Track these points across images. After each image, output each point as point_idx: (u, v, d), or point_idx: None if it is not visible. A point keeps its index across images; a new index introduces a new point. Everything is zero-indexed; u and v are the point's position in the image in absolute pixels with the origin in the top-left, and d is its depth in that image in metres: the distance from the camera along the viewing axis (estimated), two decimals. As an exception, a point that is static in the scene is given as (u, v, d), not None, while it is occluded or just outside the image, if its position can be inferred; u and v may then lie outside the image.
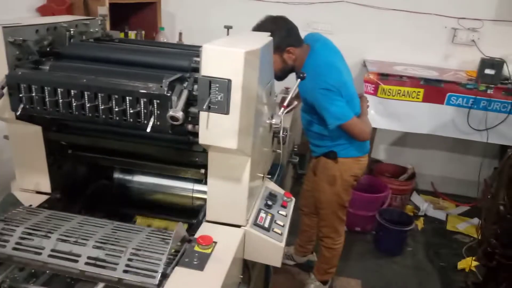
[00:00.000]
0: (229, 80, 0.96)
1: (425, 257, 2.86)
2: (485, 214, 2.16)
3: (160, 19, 3.17)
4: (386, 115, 2.95)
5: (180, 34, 3.13)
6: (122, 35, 2.88)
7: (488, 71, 2.83)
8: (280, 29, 1.80)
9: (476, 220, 3.16)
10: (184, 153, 1.25)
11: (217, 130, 1.02)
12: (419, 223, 3.19)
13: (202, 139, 1.05)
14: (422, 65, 3.19)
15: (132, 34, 2.89)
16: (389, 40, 3.28)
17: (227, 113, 0.99)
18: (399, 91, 2.88)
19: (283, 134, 1.51)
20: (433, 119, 2.89)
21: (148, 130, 0.99)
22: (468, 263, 2.65)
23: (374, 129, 3.22)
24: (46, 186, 1.31)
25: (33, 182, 1.31)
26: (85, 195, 1.43)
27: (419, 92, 2.85)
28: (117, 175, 1.53)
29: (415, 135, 3.11)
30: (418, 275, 2.68)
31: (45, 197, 1.31)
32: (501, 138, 2.82)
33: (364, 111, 2.02)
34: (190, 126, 1.10)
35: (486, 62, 2.85)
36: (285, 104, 1.53)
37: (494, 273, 2.02)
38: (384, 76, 2.91)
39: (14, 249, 1.00)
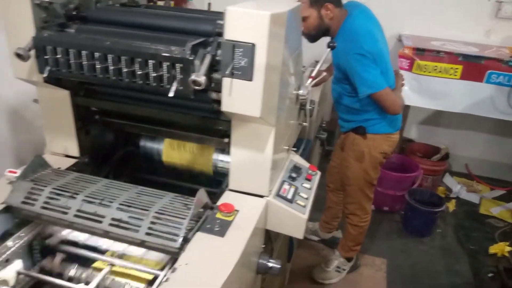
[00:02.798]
0: (253, 45, 0.93)
1: (455, 239, 2.78)
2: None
3: (189, -12, 3.14)
4: (420, 92, 2.83)
5: (209, 4, 3.08)
6: (150, 3, 2.87)
7: (534, 48, 2.65)
8: None
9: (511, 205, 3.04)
10: (208, 121, 1.24)
11: (240, 97, 1.00)
12: (451, 205, 3.10)
13: (225, 107, 1.03)
14: (461, 40, 3.03)
15: (160, 3, 2.87)
16: (427, 14, 3.12)
17: (250, 79, 0.96)
18: (435, 67, 2.75)
19: (310, 106, 1.48)
20: (471, 97, 2.75)
21: (171, 94, 0.98)
22: (501, 248, 2.56)
23: (407, 107, 3.11)
24: (74, 150, 1.34)
25: (62, 146, 1.34)
26: (112, 161, 1.45)
27: (457, 69, 2.71)
28: (143, 142, 1.55)
29: (450, 114, 2.98)
30: (447, 257, 2.61)
31: (73, 161, 1.34)
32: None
33: (398, 87, 1.94)
34: (214, 94, 1.08)
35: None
36: (313, 74, 1.48)
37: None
38: (420, 51, 2.78)
39: (42, 208, 1.03)
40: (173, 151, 1.46)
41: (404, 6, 3.11)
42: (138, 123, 1.36)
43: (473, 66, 2.68)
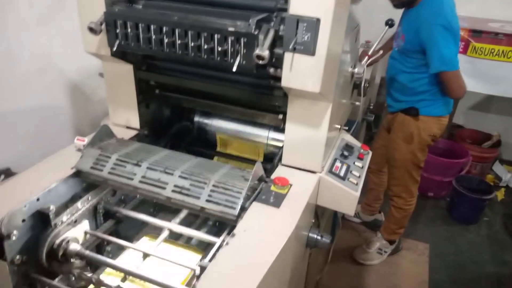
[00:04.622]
0: (318, 19, 0.94)
1: (503, 228, 2.69)
2: None
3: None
4: (474, 76, 2.72)
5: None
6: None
7: None
8: None
9: None
10: (264, 97, 1.26)
11: (300, 73, 1.01)
12: (499, 194, 2.99)
13: (285, 82, 1.05)
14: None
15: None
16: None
17: (313, 54, 0.97)
18: (492, 50, 2.63)
19: (364, 85, 1.47)
20: (530, 83, 2.62)
21: (234, 69, 1.01)
22: (554, 240, 2.47)
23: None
24: (135, 122, 1.41)
25: (124, 118, 1.42)
26: (169, 134, 1.51)
27: (517, 51, 2.58)
28: (197, 118, 1.60)
29: (503, 99, 2.84)
30: (493, 246, 2.55)
31: (134, 133, 1.41)
32: None
33: None
34: (272, 70, 1.10)
35: None
36: (369, 53, 1.47)
37: None
38: (477, 33, 2.66)
39: (110, 173, 1.11)
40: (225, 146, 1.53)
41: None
42: (197, 98, 1.41)
43: (535, 49, 2.54)
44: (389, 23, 1.47)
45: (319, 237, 1.18)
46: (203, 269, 0.84)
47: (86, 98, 2.03)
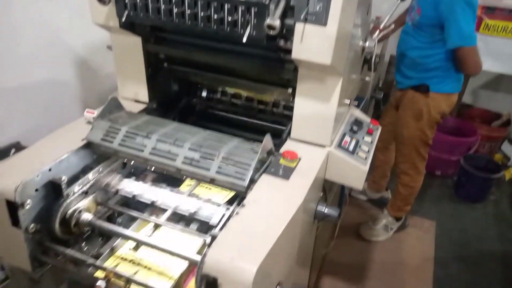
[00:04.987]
0: (330, -11, 0.92)
1: (510, 208, 2.70)
2: None
3: None
4: (486, 54, 2.63)
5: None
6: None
7: None
8: None
9: None
10: (273, 70, 1.25)
11: (311, 44, 1.00)
12: (507, 173, 2.98)
13: (296, 53, 1.04)
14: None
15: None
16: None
17: (324, 24, 0.96)
18: (505, 28, 2.57)
19: (375, 59, 1.45)
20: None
21: (244, 40, 1.00)
22: (560, 219, 2.47)
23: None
24: (144, 95, 1.41)
25: (133, 91, 1.42)
26: (177, 108, 1.51)
27: (531, 28, 2.52)
28: (205, 93, 1.60)
29: (515, 78, 2.80)
30: (499, 225, 2.55)
31: (142, 106, 1.41)
32: None
33: None
34: (282, 42, 1.09)
35: None
36: (381, 27, 1.44)
37: None
38: (490, 10, 2.59)
39: (120, 145, 1.11)
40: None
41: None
42: (205, 72, 1.40)
43: (549, 26, 2.48)
44: (404, -4, 1.45)
45: (327, 210, 1.19)
46: (213, 238, 0.85)
47: (93, 73, 2.02)
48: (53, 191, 1.04)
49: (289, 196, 0.99)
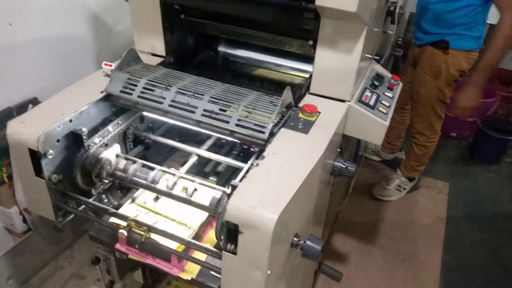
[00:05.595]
0: None
1: (525, 170, 2.68)
2: None
3: None
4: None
5: None
6: None
7: None
8: None
9: None
10: (294, 20, 1.21)
11: (336, -10, 0.96)
12: (525, 135, 2.93)
13: (319, 1, 1.00)
14: None
15: None
16: None
17: (351, -31, 0.91)
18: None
19: (398, 11, 1.40)
20: None
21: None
22: None
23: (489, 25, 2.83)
24: (161, 49, 1.39)
25: (150, 44, 1.39)
26: (195, 62, 1.49)
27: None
28: (222, 47, 1.57)
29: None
30: (514, 186, 2.55)
31: (159, 60, 1.39)
32: None
33: None
34: (304, -10, 1.05)
35: None
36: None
37: None
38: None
39: (139, 97, 1.11)
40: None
41: None
42: (223, 24, 1.36)
43: None
44: None
45: (344, 166, 1.19)
46: (234, 187, 0.86)
47: (108, 29, 1.99)
48: (75, 142, 1.05)
49: (308, 149, 0.98)
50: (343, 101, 1.21)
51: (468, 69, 1.93)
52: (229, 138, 1.05)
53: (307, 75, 1.45)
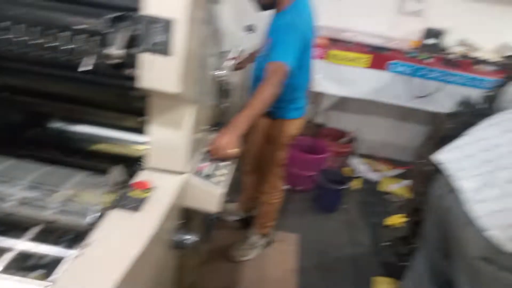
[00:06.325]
0: (172, 20, 0.93)
1: (358, 214, 3.05)
2: (416, 175, 2.34)
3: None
4: (332, 79, 3.03)
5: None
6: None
7: (429, 41, 2.99)
8: None
9: (407, 182, 3.40)
10: (124, 99, 1.21)
11: (158, 73, 1.00)
12: (355, 183, 3.38)
13: (142, 83, 1.02)
14: (370, 32, 3.26)
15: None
16: (341, 6, 3.30)
17: (169, 54, 0.97)
18: (346, 57, 2.95)
19: (228, 87, 1.52)
20: (376, 85, 3.01)
21: (84, 69, 0.95)
22: (396, 219, 2.88)
23: (321, 94, 3.30)
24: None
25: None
26: (21, 141, 1.35)
27: (365, 58, 2.94)
28: (53, 123, 1.46)
29: (358, 100, 3.23)
30: (351, 230, 2.87)
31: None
32: (437, 106, 2.97)
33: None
34: (130, 70, 1.06)
35: (429, 32, 2.99)
36: (233, 56, 1.52)
37: (418, 226, 2.22)
38: (334, 42, 2.97)
39: None
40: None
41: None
42: (50, 101, 1.28)
43: (379, 56, 2.93)
44: (250, 28, 1.55)
45: (186, 238, 1.19)
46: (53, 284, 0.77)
47: None
48: None
49: (139, 229, 0.96)
50: (179, 173, 1.23)
51: (298, 133, 2.17)
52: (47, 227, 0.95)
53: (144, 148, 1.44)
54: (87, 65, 0.96)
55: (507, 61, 2.94)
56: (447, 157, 1.39)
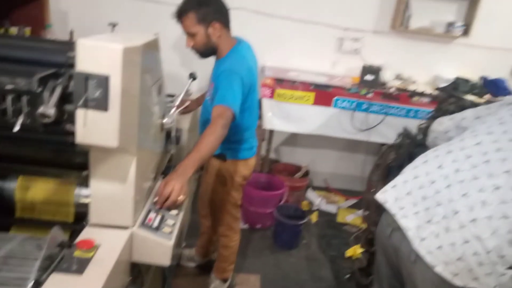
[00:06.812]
0: (107, 76, 0.94)
1: (318, 248, 3.06)
2: (367, 205, 2.40)
3: (49, 15, 2.96)
4: (281, 117, 3.11)
5: (72, 32, 2.94)
6: (1, 30, 2.64)
7: (368, 77, 3.17)
8: (209, 3, 1.79)
9: (360, 212, 3.48)
10: (64, 154, 1.18)
11: (95, 128, 0.99)
12: (313, 217, 3.41)
13: (80, 138, 1.01)
14: (313, 71, 3.42)
15: (14, 30, 2.66)
16: (285, 47, 3.46)
17: (106, 109, 0.96)
18: (292, 95, 3.06)
19: (175, 134, 1.52)
20: (322, 120, 3.13)
21: (16, 129, 0.92)
22: (355, 250, 2.91)
23: (271, 131, 3.38)
24: None
25: None
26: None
27: (310, 96, 3.06)
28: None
29: (308, 135, 3.32)
30: (312, 265, 2.86)
31: None
32: (380, 137, 3.15)
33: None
34: (68, 126, 1.05)
35: (366, 69, 3.18)
36: (176, 104, 1.54)
37: (374, 257, 2.25)
38: (279, 81, 3.08)
39: None
40: (27, 191, 1.34)
41: (266, 41, 3.30)
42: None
43: (323, 94, 3.06)
44: (192, 76, 1.58)
45: (136, 296, 1.14)
46: None
47: None
48: None
49: (82, 294, 0.91)
50: (125, 228, 1.19)
51: (249, 173, 2.18)
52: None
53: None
54: (21, 124, 0.93)
55: (439, 93, 3.17)
56: (389, 195, 1.43)
